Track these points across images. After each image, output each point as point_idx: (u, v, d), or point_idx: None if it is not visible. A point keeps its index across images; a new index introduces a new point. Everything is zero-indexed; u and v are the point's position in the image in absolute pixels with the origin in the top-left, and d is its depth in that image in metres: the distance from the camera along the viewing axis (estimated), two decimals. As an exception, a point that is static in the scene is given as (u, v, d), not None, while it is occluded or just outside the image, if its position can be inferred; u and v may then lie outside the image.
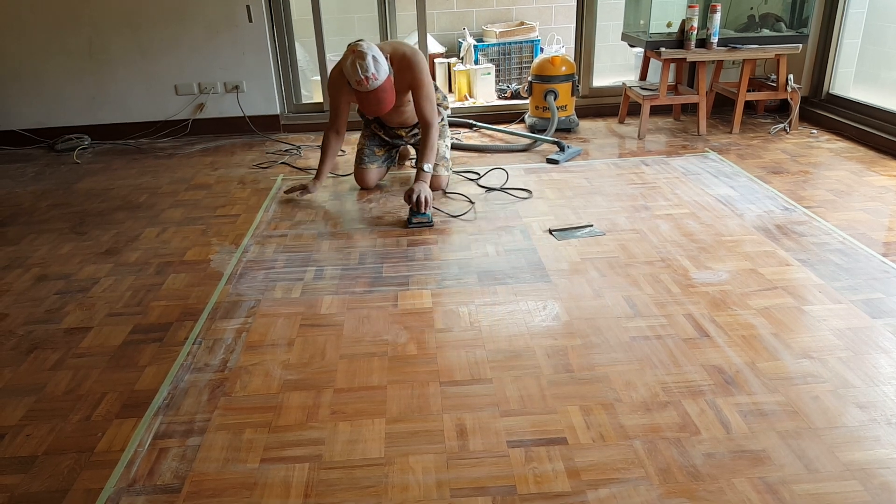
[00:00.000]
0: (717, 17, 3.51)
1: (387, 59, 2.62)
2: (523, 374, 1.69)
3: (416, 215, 2.64)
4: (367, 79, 2.51)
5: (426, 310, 2.02)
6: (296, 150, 3.76)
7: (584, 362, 1.73)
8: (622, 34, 4.04)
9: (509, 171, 3.23)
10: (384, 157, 3.11)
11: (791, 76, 3.70)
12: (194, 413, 1.60)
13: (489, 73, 4.61)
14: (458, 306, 2.03)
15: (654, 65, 4.00)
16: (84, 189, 3.27)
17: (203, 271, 2.34)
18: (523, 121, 4.12)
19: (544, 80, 3.78)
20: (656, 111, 4.15)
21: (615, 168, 3.25)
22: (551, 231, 2.54)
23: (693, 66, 4.09)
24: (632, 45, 4.05)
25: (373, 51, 2.52)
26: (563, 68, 3.75)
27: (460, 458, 1.42)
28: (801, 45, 3.61)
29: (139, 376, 1.75)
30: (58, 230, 2.76)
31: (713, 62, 3.97)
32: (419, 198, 2.61)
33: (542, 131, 3.79)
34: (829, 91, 3.91)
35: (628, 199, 2.84)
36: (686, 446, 1.43)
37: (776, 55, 3.61)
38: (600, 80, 4.35)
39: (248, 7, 3.84)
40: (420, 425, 1.52)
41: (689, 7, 3.54)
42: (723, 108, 4.17)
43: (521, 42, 4.96)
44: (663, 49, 3.60)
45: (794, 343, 1.78)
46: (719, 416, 1.52)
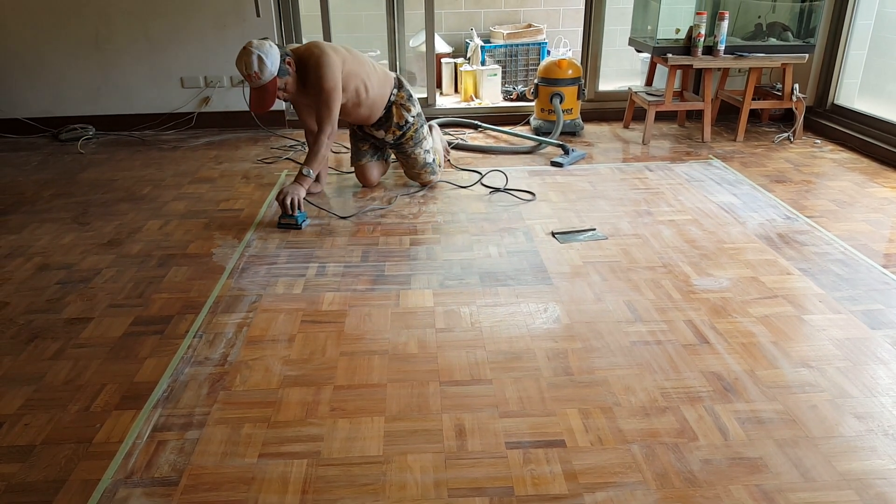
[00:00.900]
0: (725, 24, 3.52)
1: (284, 59, 2.57)
2: (523, 376, 1.69)
3: (283, 216, 2.64)
4: (249, 76, 2.52)
5: (427, 309, 2.02)
6: (300, 146, 3.76)
7: (583, 365, 1.73)
8: (629, 39, 4.04)
9: (514, 172, 3.23)
10: (371, 151, 3.05)
11: (797, 86, 3.70)
12: (193, 406, 1.60)
13: (495, 75, 4.61)
14: (459, 306, 2.04)
15: (661, 71, 4.00)
16: (87, 179, 3.27)
17: (205, 265, 2.34)
18: (528, 123, 4.12)
19: (550, 82, 3.78)
20: (661, 117, 4.15)
21: (619, 172, 3.25)
22: (554, 234, 2.55)
23: (699, 72, 4.10)
24: (638, 51, 4.05)
25: (262, 50, 2.50)
26: (570, 72, 3.76)
27: (459, 458, 1.42)
28: (807, 55, 3.61)
29: (139, 368, 1.76)
30: (60, 220, 2.77)
31: (719, 70, 3.98)
32: (284, 200, 2.61)
33: (547, 134, 3.80)
34: (834, 101, 3.92)
35: (631, 203, 2.84)
36: (684, 452, 1.43)
37: (782, 64, 3.61)
38: (606, 85, 4.35)
39: (256, 1, 3.84)
40: (419, 424, 1.53)
41: (697, 14, 3.54)
42: (728, 115, 4.18)
43: (528, 44, 4.96)
44: (670, 55, 3.60)
45: (793, 352, 1.79)
46: (717, 423, 1.52)
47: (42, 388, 1.69)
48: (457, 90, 4.94)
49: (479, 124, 4.03)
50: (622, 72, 5.22)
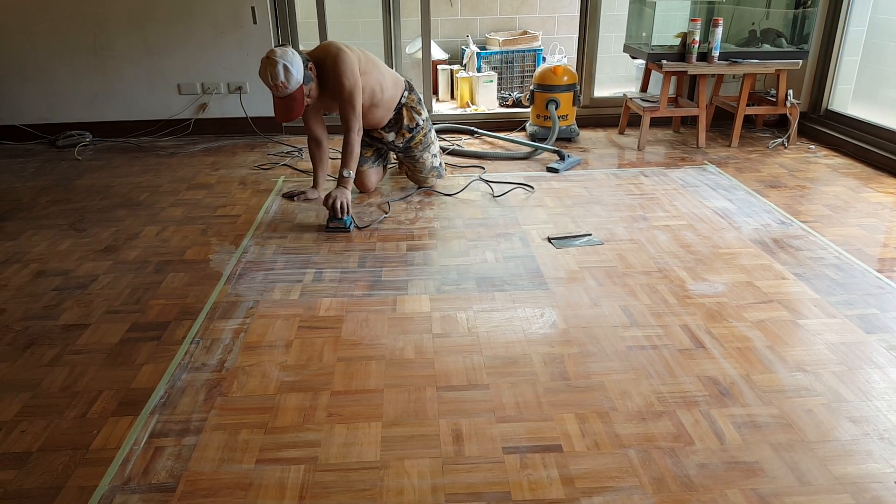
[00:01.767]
0: (719, 31, 3.54)
1: (307, 65, 2.58)
2: (520, 381, 1.70)
3: (332, 220, 2.65)
4: (276, 86, 2.51)
5: (424, 314, 2.03)
6: (297, 153, 3.77)
7: (580, 370, 1.74)
8: (624, 46, 4.07)
9: (510, 178, 3.24)
10: (373, 158, 3.08)
11: (790, 91, 3.72)
12: (190, 412, 1.60)
13: (491, 81, 4.63)
14: (456, 312, 2.04)
15: (655, 77, 4.03)
16: (84, 186, 3.27)
17: (202, 271, 2.34)
18: (524, 129, 4.14)
19: (546, 89, 3.80)
20: (656, 123, 4.18)
21: (614, 178, 3.27)
22: (550, 239, 2.55)
23: (694, 79, 4.12)
24: (633, 57, 4.07)
25: (286, 59, 2.49)
26: (565, 78, 3.78)
27: (456, 464, 1.42)
28: (801, 61, 3.64)
29: (136, 374, 1.76)
30: (57, 226, 2.77)
31: (714, 76, 4.00)
32: (334, 203, 2.62)
33: (543, 140, 3.81)
34: (828, 107, 3.95)
35: (627, 209, 2.86)
36: (680, 456, 1.44)
37: (776, 70, 3.64)
38: (601, 91, 4.38)
39: (252, 8, 3.86)
40: (416, 429, 1.53)
41: (692, 21, 3.57)
42: (722, 121, 4.20)
43: (523, 51, 4.99)
44: (665, 61, 3.63)
45: (788, 356, 1.80)
46: (713, 427, 1.52)
47: (39, 394, 1.68)
48: (453, 97, 4.96)
49: (476, 130, 4.04)
50: (617, 78, 5.25)
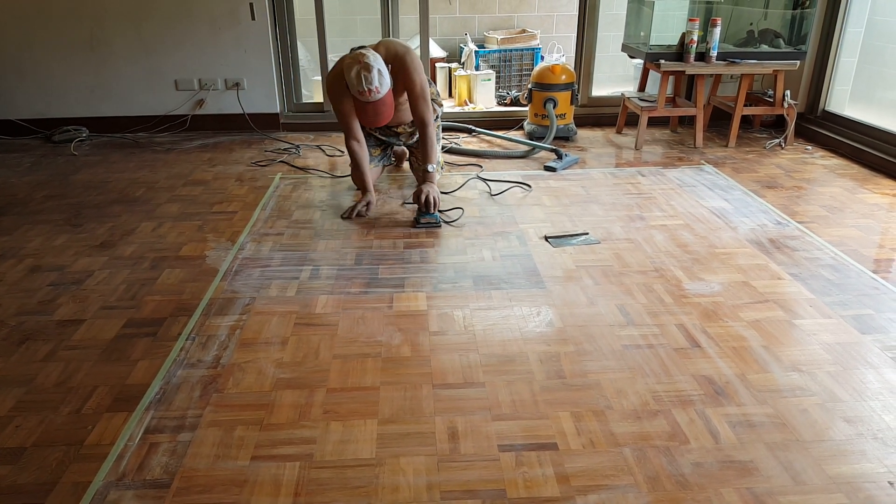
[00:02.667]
0: (717, 31, 3.54)
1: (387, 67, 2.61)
2: (516, 379, 1.70)
3: (423, 215, 2.65)
4: (369, 91, 2.50)
5: (421, 312, 2.03)
6: (294, 150, 3.76)
7: (576, 369, 1.74)
8: (622, 45, 4.07)
9: (507, 177, 3.24)
10: (379, 157, 3.12)
11: (788, 92, 3.73)
12: (186, 409, 1.60)
13: (489, 80, 4.63)
14: (452, 310, 2.04)
15: (653, 76, 4.03)
16: (80, 181, 3.26)
17: (198, 267, 2.34)
18: (522, 128, 4.14)
19: (544, 87, 3.80)
20: (654, 122, 4.18)
21: (612, 177, 3.27)
22: (547, 238, 2.56)
23: (691, 78, 4.12)
24: (631, 57, 4.08)
25: (378, 63, 2.50)
26: (563, 77, 3.78)
27: (451, 461, 1.42)
28: (798, 62, 3.65)
29: (131, 370, 1.75)
30: (53, 221, 2.76)
31: (711, 76, 4.01)
32: (427, 198, 2.62)
33: (541, 139, 3.81)
34: (825, 108, 3.95)
35: (624, 208, 2.86)
36: (675, 455, 1.44)
37: (774, 71, 3.65)
38: (599, 90, 4.38)
39: (251, 4, 3.85)
40: (412, 427, 1.53)
41: (690, 21, 3.57)
42: (720, 121, 4.20)
43: (521, 49, 4.98)
44: (663, 61, 3.63)
45: (783, 356, 1.80)
46: (708, 426, 1.53)
47: (33, 389, 1.68)
48: (451, 95, 4.96)
49: (473, 128, 4.04)
50: (615, 77, 5.25)
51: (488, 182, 3.15)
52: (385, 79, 2.53)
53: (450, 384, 1.68)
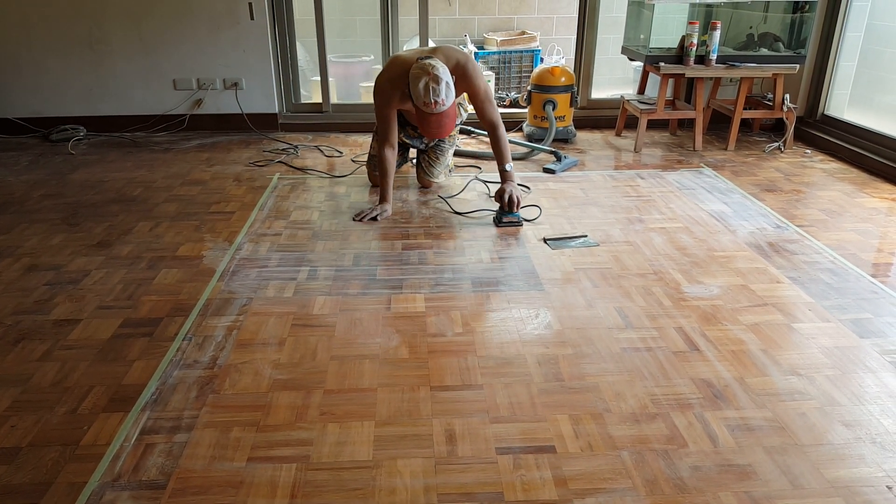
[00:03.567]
0: (717, 34, 3.55)
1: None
2: (514, 382, 1.69)
3: (506, 215, 2.66)
4: (436, 103, 2.47)
5: (419, 314, 2.02)
6: (293, 150, 3.75)
7: (574, 371, 1.74)
8: (622, 48, 4.07)
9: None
10: (399, 162, 3.15)
11: (787, 96, 3.74)
12: (182, 409, 1.59)
13: (489, 81, 4.63)
14: (450, 311, 2.03)
15: (653, 79, 4.03)
16: (78, 180, 3.25)
17: (195, 267, 2.33)
18: (521, 129, 4.14)
19: (543, 89, 3.80)
20: (653, 125, 4.18)
21: (611, 180, 3.27)
22: (546, 240, 2.55)
23: (691, 82, 4.13)
24: (631, 59, 4.07)
25: (447, 76, 2.48)
26: (563, 79, 3.78)
27: (448, 464, 1.42)
28: (798, 66, 3.65)
29: (127, 370, 1.74)
30: (49, 221, 2.75)
31: (711, 79, 4.01)
32: (510, 197, 2.63)
33: (540, 140, 3.81)
34: (824, 112, 3.96)
35: (623, 211, 2.86)
36: (673, 458, 1.43)
37: (773, 74, 3.65)
38: (599, 93, 4.38)
39: (250, 4, 3.84)
40: (409, 429, 1.52)
41: (689, 24, 3.57)
42: (719, 124, 4.21)
43: (521, 51, 4.99)
44: (662, 64, 3.63)
45: (782, 360, 1.80)
46: (707, 430, 1.52)
47: (29, 389, 1.67)
48: (450, 96, 4.95)
49: (473, 130, 4.04)
50: (615, 80, 5.26)
51: (487, 184, 3.15)
52: (451, 91, 2.51)
53: (447, 386, 1.68)
